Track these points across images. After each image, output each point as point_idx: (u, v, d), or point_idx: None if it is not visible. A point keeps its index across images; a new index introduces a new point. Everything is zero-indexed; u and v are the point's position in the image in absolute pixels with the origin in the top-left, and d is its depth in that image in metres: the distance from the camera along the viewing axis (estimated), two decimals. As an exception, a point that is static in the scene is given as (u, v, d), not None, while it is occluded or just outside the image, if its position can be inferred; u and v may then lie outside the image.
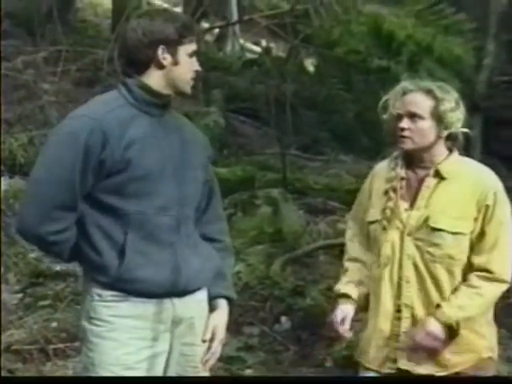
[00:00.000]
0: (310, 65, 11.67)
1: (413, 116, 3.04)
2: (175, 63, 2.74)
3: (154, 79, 2.74)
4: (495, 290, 3.04)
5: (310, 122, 9.96)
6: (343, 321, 3.12)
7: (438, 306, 3.02)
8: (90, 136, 2.64)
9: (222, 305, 2.94)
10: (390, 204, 3.08)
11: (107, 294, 2.73)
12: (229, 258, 3.00)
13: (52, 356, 4.81)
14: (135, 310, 2.73)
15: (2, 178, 6.59)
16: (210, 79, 9.93)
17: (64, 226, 2.70)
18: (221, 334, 2.89)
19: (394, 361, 3.08)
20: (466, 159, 3.18)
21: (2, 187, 6.38)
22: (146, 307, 2.74)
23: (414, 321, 3.05)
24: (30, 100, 8.08)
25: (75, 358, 4.79)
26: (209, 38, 14.30)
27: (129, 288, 2.71)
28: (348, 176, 8.48)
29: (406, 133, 3.04)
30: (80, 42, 10.14)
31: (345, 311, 3.14)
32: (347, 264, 3.24)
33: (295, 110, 9.48)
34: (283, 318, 5.54)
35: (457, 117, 3.06)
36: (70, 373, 4.68)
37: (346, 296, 3.16)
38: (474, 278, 3.03)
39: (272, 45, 13.68)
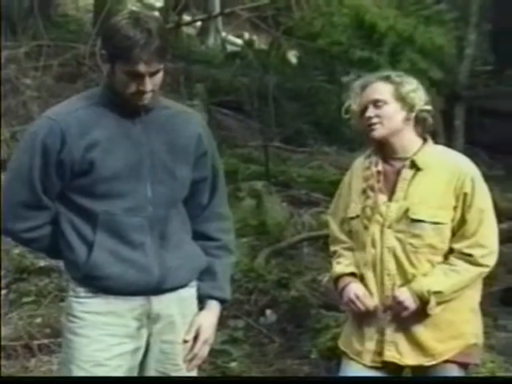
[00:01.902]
0: (292, 57, 11.66)
1: (376, 103, 3.06)
2: (112, 73, 2.66)
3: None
4: (472, 271, 3.04)
5: (293, 113, 9.95)
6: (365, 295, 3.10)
7: (414, 276, 3.04)
8: (47, 136, 2.68)
9: (210, 305, 2.89)
10: (369, 202, 3.10)
11: (80, 290, 2.74)
12: (225, 257, 2.93)
13: (37, 351, 4.79)
14: (107, 306, 2.73)
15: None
16: (193, 72, 9.92)
17: (34, 224, 2.74)
18: (205, 334, 2.84)
19: (379, 354, 3.08)
20: (442, 148, 3.19)
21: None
22: (118, 304, 2.73)
23: (398, 314, 3.05)
24: (12, 95, 8.04)
25: (60, 354, 4.77)
26: (191, 31, 14.29)
27: (98, 285, 2.72)
28: (331, 168, 8.50)
29: (373, 120, 3.05)
30: (61, 36, 10.09)
31: (360, 287, 3.11)
32: (342, 251, 3.21)
33: (278, 103, 9.48)
34: (268, 311, 5.54)
35: (419, 97, 3.07)
36: (54, 368, 4.66)
37: (353, 275, 3.13)
38: (451, 258, 3.05)
39: (254, 37, 13.68)
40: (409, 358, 3.06)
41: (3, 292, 5.46)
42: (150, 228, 2.74)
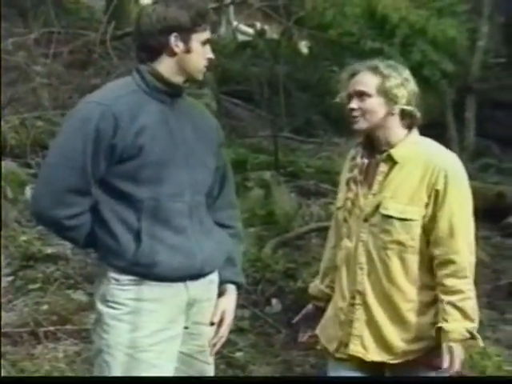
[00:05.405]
0: (303, 47, 11.63)
1: (361, 95, 3.01)
2: (188, 51, 2.76)
3: (166, 66, 2.77)
4: (470, 284, 2.97)
5: (303, 104, 9.93)
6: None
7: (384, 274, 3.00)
8: (100, 121, 2.69)
9: (231, 290, 2.99)
10: (350, 195, 3.08)
11: (124, 278, 2.76)
12: (239, 244, 3.03)
13: (43, 338, 4.80)
14: (151, 293, 2.76)
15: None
16: (203, 61, 9.89)
17: (78, 210, 2.74)
18: (229, 318, 2.95)
19: (346, 346, 3.06)
20: (425, 140, 3.08)
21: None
22: (162, 290, 2.77)
23: (367, 308, 3.02)
24: (21, 82, 8.03)
25: (66, 341, 4.80)
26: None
27: (145, 272, 2.75)
28: (340, 159, 8.44)
29: (355, 113, 3.02)
30: (72, 23, 10.08)
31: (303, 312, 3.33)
32: (324, 254, 3.29)
33: (288, 93, 9.47)
34: (274, 301, 5.54)
35: (402, 93, 2.99)
36: (60, 355, 4.68)
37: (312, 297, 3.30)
38: (447, 280, 2.94)
39: (266, 27, 13.65)
40: (373, 353, 3.02)
41: (9, 279, 5.46)
42: (190, 213, 2.79)
